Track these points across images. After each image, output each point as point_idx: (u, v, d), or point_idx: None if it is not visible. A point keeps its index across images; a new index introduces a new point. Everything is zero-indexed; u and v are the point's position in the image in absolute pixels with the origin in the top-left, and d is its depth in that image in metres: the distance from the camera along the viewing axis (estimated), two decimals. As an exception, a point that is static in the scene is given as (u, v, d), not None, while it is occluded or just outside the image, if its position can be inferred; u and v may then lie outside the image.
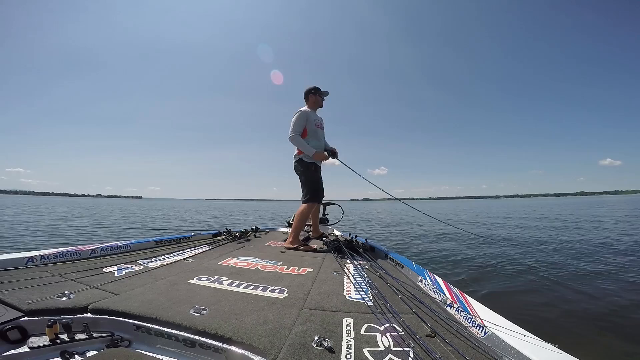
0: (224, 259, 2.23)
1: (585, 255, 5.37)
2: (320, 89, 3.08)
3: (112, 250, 2.31)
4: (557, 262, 4.83)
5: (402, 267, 2.12)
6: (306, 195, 2.90)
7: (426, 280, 1.70)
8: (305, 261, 2.30)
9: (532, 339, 0.95)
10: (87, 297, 1.29)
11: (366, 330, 1.09)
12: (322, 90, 3.09)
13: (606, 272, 4.18)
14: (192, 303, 1.26)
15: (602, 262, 4.79)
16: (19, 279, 1.49)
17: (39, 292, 1.32)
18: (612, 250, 5.72)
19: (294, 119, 2.85)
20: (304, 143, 2.83)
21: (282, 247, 3.00)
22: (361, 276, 1.86)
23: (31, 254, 1.86)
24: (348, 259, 2.36)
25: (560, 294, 3.42)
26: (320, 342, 0.96)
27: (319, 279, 1.80)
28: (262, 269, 1.98)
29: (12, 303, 1.18)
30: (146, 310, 1.17)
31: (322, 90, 3.09)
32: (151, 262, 2.06)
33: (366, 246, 2.95)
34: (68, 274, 1.64)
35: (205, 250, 2.63)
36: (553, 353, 0.87)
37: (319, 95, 3.06)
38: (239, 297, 1.40)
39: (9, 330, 1.03)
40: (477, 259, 5.20)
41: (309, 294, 1.50)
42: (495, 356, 0.92)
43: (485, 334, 1.05)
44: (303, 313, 1.23)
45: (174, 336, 1.07)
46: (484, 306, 1.25)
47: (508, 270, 4.41)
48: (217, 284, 1.59)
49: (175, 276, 1.72)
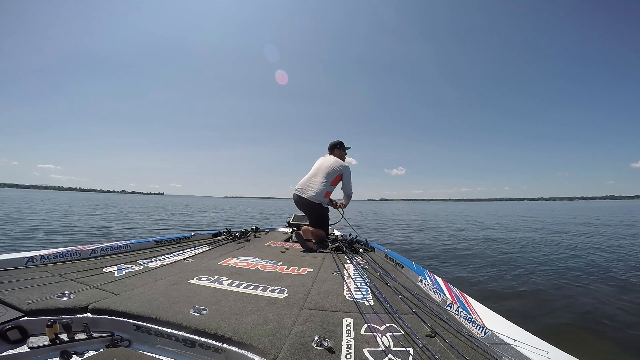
0: (224, 259, 2.23)
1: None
2: (344, 144, 3.44)
3: (112, 250, 2.31)
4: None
5: (402, 267, 2.12)
6: (324, 228, 3.22)
7: (426, 280, 1.70)
8: (305, 261, 2.30)
9: (532, 339, 0.95)
10: (87, 297, 1.29)
11: (366, 330, 1.09)
12: (346, 145, 3.46)
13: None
14: (192, 303, 1.26)
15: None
16: (19, 279, 1.49)
17: (39, 292, 1.32)
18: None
19: (350, 177, 3.23)
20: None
21: (282, 247, 3.00)
22: (361, 276, 1.86)
23: (31, 253, 1.86)
24: (348, 259, 2.36)
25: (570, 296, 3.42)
26: (320, 342, 0.95)
27: (319, 279, 1.80)
28: (262, 269, 1.98)
29: (12, 303, 1.18)
30: (146, 310, 1.17)
31: (346, 145, 3.46)
32: (151, 262, 2.06)
33: (366, 246, 2.95)
34: (68, 274, 1.64)
35: (205, 250, 2.63)
36: (553, 353, 0.87)
37: (343, 150, 3.42)
38: (239, 297, 1.39)
39: (9, 330, 1.03)
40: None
41: (309, 294, 1.49)
42: (495, 356, 0.92)
43: (485, 334, 1.05)
44: (303, 313, 1.23)
45: (174, 336, 1.07)
46: (484, 306, 1.25)
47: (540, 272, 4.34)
48: (217, 284, 1.59)
49: (175, 276, 1.72)
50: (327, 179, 3.11)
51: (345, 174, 3.20)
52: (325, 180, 3.10)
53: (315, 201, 3.10)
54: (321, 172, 3.15)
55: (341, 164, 3.21)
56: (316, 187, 3.10)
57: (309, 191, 3.11)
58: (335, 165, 3.17)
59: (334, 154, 3.38)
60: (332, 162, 3.20)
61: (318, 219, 3.18)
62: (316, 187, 3.10)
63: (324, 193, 3.13)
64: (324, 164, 3.19)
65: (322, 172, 3.14)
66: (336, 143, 3.41)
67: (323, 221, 3.21)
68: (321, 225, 3.17)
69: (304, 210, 3.27)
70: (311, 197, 3.08)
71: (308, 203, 3.11)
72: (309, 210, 3.21)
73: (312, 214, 3.20)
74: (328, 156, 3.35)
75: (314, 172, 3.23)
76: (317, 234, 3.05)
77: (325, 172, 3.13)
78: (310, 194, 3.09)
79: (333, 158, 3.28)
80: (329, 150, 3.43)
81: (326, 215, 3.27)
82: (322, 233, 3.11)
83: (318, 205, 3.14)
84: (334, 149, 3.40)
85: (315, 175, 3.19)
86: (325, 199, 3.17)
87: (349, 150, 3.50)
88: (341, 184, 3.27)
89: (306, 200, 3.11)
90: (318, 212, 3.17)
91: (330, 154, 3.41)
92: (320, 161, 3.28)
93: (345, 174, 3.19)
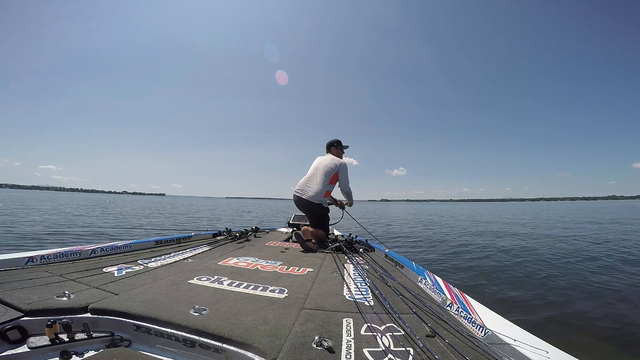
0: (224, 259, 2.23)
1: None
2: (342, 143, 3.45)
3: (112, 250, 2.31)
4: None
5: (402, 267, 2.12)
6: (324, 228, 3.22)
7: (426, 281, 1.70)
8: (305, 261, 2.30)
9: (532, 339, 0.95)
10: (87, 297, 1.29)
11: (366, 330, 1.09)
12: (343, 145, 3.47)
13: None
14: (192, 303, 1.26)
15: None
16: (19, 279, 1.49)
17: (39, 292, 1.32)
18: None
19: (346, 174, 3.23)
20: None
21: (282, 247, 3.00)
22: (361, 276, 1.86)
23: (31, 253, 1.86)
24: (348, 259, 2.36)
25: (567, 295, 3.41)
26: (320, 342, 0.95)
27: (319, 279, 1.80)
28: (262, 269, 1.98)
29: (12, 303, 1.18)
30: (146, 310, 1.17)
31: (343, 145, 3.47)
32: (151, 262, 2.06)
33: (366, 246, 2.95)
34: (68, 274, 1.64)
35: (205, 250, 2.63)
36: (553, 353, 0.87)
37: (340, 148, 3.43)
38: (239, 297, 1.39)
39: (9, 330, 1.03)
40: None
41: (309, 294, 1.49)
42: (495, 356, 0.92)
43: (485, 334, 1.05)
44: (303, 313, 1.23)
45: (174, 336, 1.07)
46: (484, 306, 1.25)
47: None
48: (217, 284, 1.59)
49: (175, 276, 1.72)
50: (325, 178, 3.11)
51: (342, 171, 3.19)
52: (323, 180, 3.10)
53: (315, 201, 3.10)
54: (319, 171, 3.15)
55: (337, 162, 3.20)
56: (315, 187, 3.10)
57: (308, 191, 3.11)
58: (332, 164, 3.17)
59: (331, 153, 3.38)
60: (328, 160, 3.20)
61: (318, 219, 3.17)
62: (315, 187, 3.10)
63: (324, 193, 3.12)
64: (321, 164, 3.19)
65: (320, 171, 3.14)
66: (333, 142, 3.41)
67: (323, 221, 3.21)
68: (321, 225, 3.17)
69: (304, 210, 3.27)
70: (311, 197, 3.08)
71: (308, 203, 3.11)
72: (309, 210, 3.20)
73: (313, 214, 3.20)
74: (325, 155, 3.35)
75: (312, 172, 3.22)
76: (316, 234, 3.04)
77: (323, 172, 3.13)
78: (310, 194, 3.09)
79: (330, 156, 3.27)
80: (327, 149, 3.43)
81: (326, 215, 3.26)
82: (321, 233, 3.11)
83: (318, 206, 3.13)
84: (331, 147, 3.40)
85: (313, 175, 3.18)
86: (325, 198, 3.17)
87: (348, 150, 3.50)
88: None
89: (306, 200, 3.10)
90: (318, 212, 3.17)
91: (327, 152, 3.41)
92: (318, 161, 3.28)
93: (341, 171, 3.19)
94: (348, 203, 3.51)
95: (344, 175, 3.22)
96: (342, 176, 3.21)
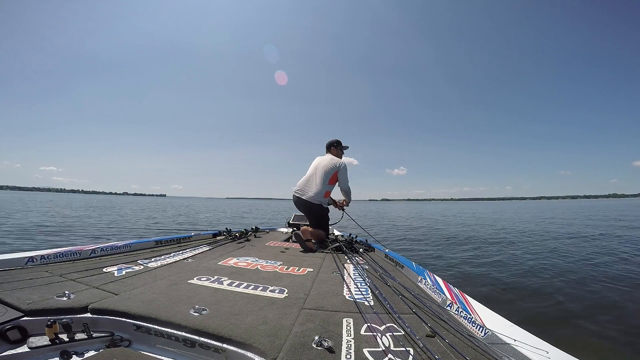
0: (224, 259, 2.23)
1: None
2: (342, 143, 3.46)
3: (112, 250, 2.31)
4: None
5: (402, 267, 2.12)
6: (324, 228, 3.22)
7: (426, 281, 1.70)
8: (305, 261, 2.30)
9: (532, 339, 0.95)
10: (87, 297, 1.29)
11: (366, 330, 1.09)
12: (343, 145, 3.47)
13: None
14: (192, 303, 1.26)
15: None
16: (19, 279, 1.49)
17: (39, 292, 1.32)
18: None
19: (346, 174, 3.21)
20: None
21: (282, 247, 3.00)
22: (361, 276, 1.86)
23: (31, 253, 1.86)
24: (348, 259, 2.36)
25: (567, 295, 3.40)
26: (320, 342, 0.95)
27: (319, 279, 1.80)
28: (262, 269, 1.98)
29: (12, 303, 1.18)
30: (146, 310, 1.17)
31: (343, 145, 3.47)
32: (151, 262, 2.06)
33: (366, 246, 2.95)
34: (68, 274, 1.64)
35: (205, 250, 2.63)
36: (553, 353, 0.87)
37: (340, 149, 3.43)
38: (239, 297, 1.40)
39: (9, 330, 1.03)
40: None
41: (309, 294, 1.49)
42: (495, 356, 0.92)
43: (485, 334, 1.05)
44: (303, 313, 1.23)
45: (174, 336, 1.07)
46: (484, 306, 1.25)
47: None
48: (217, 284, 1.59)
49: (175, 276, 1.72)
50: (324, 179, 3.09)
51: (341, 170, 3.18)
52: (323, 180, 3.09)
53: (314, 202, 3.09)
54: (318, 171, 3.14)
55: (337, 162, 3.19)
56: (315, 187, 3.09)
57: (308, 192, 3.10)
58: (331, 164, 3.16)
59: (330, 153, 3.37)
60: (328, 160, 3.18)
61: (318, 220, 3.17)
62: (315, 188, 3.09)
63: (323, 193, 3.12)
64: (321, 164, 3.18)
65: (320, 171, 3.13)
66: (333, 142, 3.40)
67: (323, 221, 3.21)
68: (321, 225, 3.17)
69: (304, 211, 3.27)
70: (310, 197, 3.08)
71: (307, 204, 3.11)
72: (308, 211, 3.20)
73: (312, 215, 3.20)
74: (324, 155, 3.34)
75: (311, 172, 3.22)
76: (316, 234, 3.04)
77: (322, 172, 3.12)
78: (309, 194, 3.09)
79: (329, 156, 3.26)
80: (326, 149, 3.42)
81: (326, 215, 3.26)
82: (321, 233, 3.11)
83: (317, 206, 3.13)
84: (331, 147, 3.40)
85: (313, 175, 3.18)
86: (324, 199, 3.16)
87: (349, 149, 3.49)
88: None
89: (305, 201, 3.10)
90: (318, 212, 3.17)
91: (327, 152, 3.40)
92: (317, 161, 3.27)
93: (340, 170, 3.18)
94: (345, 201, 3.52)
95: (344, 174, 3.21)
96: (342, 175, 3.21)
